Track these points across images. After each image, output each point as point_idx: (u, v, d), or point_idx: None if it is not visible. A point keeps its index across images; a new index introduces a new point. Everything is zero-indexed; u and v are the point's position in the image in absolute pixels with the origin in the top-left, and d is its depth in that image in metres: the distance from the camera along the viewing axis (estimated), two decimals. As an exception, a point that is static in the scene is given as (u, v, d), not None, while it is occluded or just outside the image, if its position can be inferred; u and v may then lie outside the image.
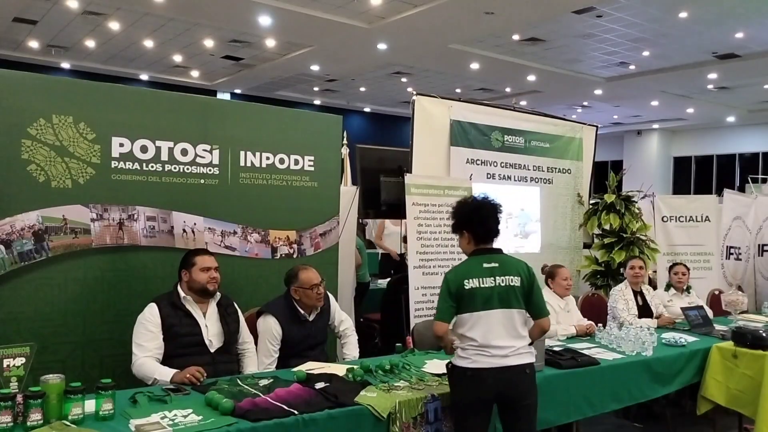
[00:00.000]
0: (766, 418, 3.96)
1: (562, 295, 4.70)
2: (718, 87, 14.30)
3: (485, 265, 3.00)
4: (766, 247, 7.75)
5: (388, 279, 6.75)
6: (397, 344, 3.97)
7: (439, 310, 3.04)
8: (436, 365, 3.47)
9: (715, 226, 6.90)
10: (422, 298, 4.92)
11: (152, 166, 3.68)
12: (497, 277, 2.97)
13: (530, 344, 3.04)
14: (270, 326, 3.56)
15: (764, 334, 4.19)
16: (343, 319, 3.92)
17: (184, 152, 3.79)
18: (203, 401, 2.69)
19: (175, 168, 3.76)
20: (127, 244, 3.59)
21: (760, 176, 10.36)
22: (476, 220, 3.07)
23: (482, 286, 2.95)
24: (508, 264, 3.04)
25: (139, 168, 3.64)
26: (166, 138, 3.73)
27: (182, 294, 3.35)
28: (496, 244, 3.14)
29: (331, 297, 3.90)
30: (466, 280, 2.97)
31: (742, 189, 12.09)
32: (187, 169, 3.80)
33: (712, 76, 13.18)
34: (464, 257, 3.17)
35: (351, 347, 3.87)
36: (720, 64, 12.32)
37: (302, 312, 3.65)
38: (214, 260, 3.44)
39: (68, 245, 3.41)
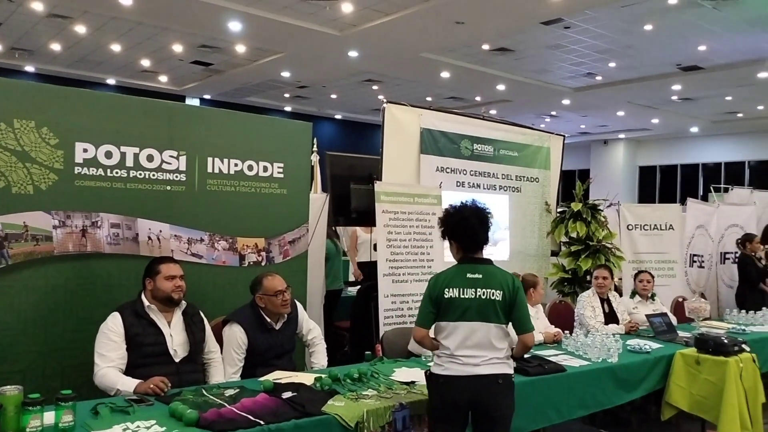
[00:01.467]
0: (728, 424, 4.04)
1: (534, 303, 4.76)
2: (682, 98, 14.64)
3: (469, 275, 2.99)
4: (728, 255, 7.95)
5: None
6: (367, 352, 3.95)
7: (420, 316, 3.05)
8: (405, 373, 3.47)
9: (678, 235, 7.04)
10: (392, 305, 4.92)
11: (117, 172, 3.62)
12: (478, 290, 2.95)
13: (509, 356, 3.03)
14: (235, 334, 3.51)
15: (726, 341, 4.27)
16: (311, 327, 3.89)
17: (150, 158, 3.73)
18: (167, 412, 2.64)
19: (140, 174, 3.69)
20: (90, 252, 3.52)
21: (722, 186, 10.60)
22: (462, 229, 3.05)
23: (462, 296, 2.95)
24: (492, 276, 3.00)
25: (103, 174, 3.57)
26: (131, 144, 3.66)
27: (146, 303, 3.29)
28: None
29: (299, 305, 3.87)
30: (447, 289, 2.97)
31: (705, 198, 12.39)
32: (153, 175, 3.74)
33: (677, 87, 13.49)
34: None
35: (319, 356, 3.84)
36: (684, 76, 12.62)
37: (268, 320, 3.61)
38: (179, 268, 3.39)
39: (29, 252, 3.33)
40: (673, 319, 5.30)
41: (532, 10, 9.01)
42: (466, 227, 3.03)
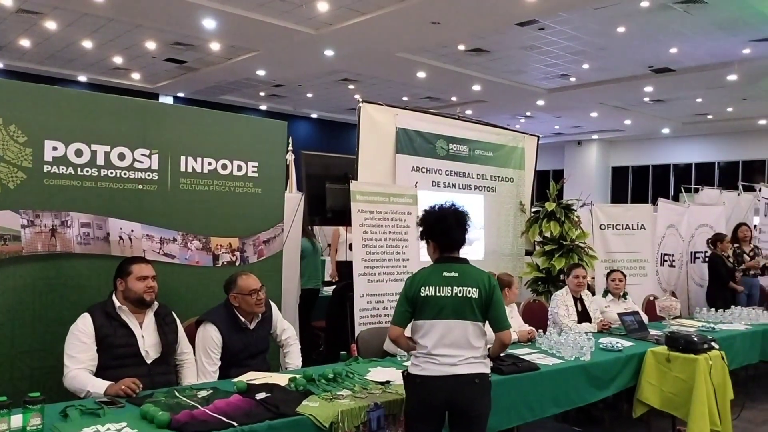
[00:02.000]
0: (697, 420, 4.11)
1: (509, 302, 4.79)
2: (653, 100, 14.86)
3: (445, 273, 3.00)
4: (698, 255, 8.10)
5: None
6: (342, 352, 3.95)
7: (395, 314, 3.06)
8: (380, 373, 3.46)
9: (650, 234, 7.15)
10: (367, 305, 4.92)
11: (87, 171, 3.56)
12: (454, 288, 2.97)
13: (486, 356, 3.04)
14: (210, 334, 3.48)
15: (696, 339, 4.34)
16: (285, 327, 3.87)
17: (122, 157, 3.67)
18: (138, 414, 2.61)
19: (111, 173, 3.64)
20: (60, 252, 3.45)
21: (692, 186, 10.79)
22: (439, 230, 3.08)
23: (438, 294, 2.96)
24: (467, 275, 3.02)
25: (73, 173, 3.51)
26: (102, 142, 3.61)
27: (117, 304, 3.24)
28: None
29: (274, 306, 3.85)
30: (423, 288, 2.98)
31: (676, 198, 12.59)
32: (125, 174, 3.69)
33: (648, 89, 13.69)
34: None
35: (293, 356, 3.82)
36: (655, 78, 12.81)
37: (243, 320, 3.58)
38: (151, 269, 3.35)
39: (-4, 253, 3.26)
40: (645, 318, 5.38)
41: (507, 11, 9.08)
42: (443, 227, 3.06)
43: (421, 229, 3.16)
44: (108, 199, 3.62)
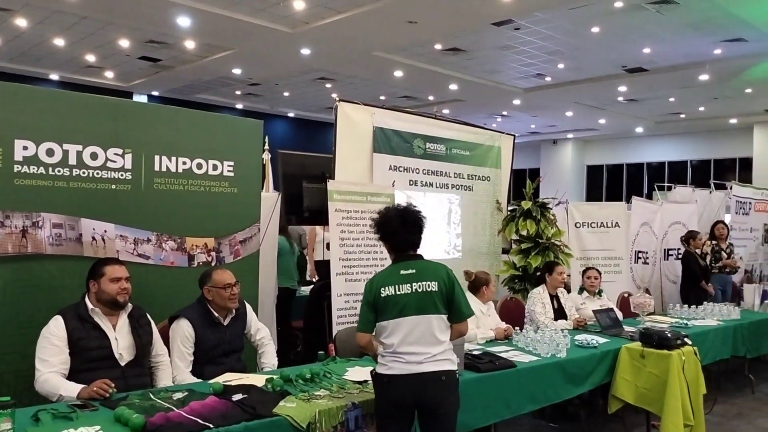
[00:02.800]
0: (671, 415, 4.18)
1: (487, 300, 4.81)
2: (627, 99, 15.06)
3: (403, 272, 3.03)
4: (671, 252, 8.21)
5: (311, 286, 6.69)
6: (320, 352, 3.94)
7: (360, 321, 3.07)
8: (357, 372, 3.46)
9: (624, 232, 7.23)
10: (345, 305, 4.91)
11: (59, 171, 3.50)
12: (414, 284, 2.99)
13: (452, 351, 3.05)
14: (182, 328, 3.47)
15: (669, 335, 4.40)
16: (260, 327, 3.86)
17: (94, 156, 3.62)
18: (112, 417, 2.57)
19: (84, 173, 3.58)
20: (31, 253, 3.39)
21: (666, 184, 10.95)
22: (389, 231, 3.12)
23: (398, 293, 2.97)
24: (425, 270, 3.05)
25: (44, 172, 3.45)
26: (74, 141, 3.55)
27: (90, 306, 3.19)
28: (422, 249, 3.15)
29: (248, 306, 3.84)
30: (383, 288, 2.99)
31: (650, 196, 12.77)
32: (97, 173, 3.63)
33: (622, 88, 13.87)
34: (387, 264, 3.19)
35: (269, 356, 3.81)
36: (629, 78, 12.98)
37: (216, 314, 3.58)
38: (125, 270, 3.30)
39: (-36, 254, 3.19)
40: (619, 314, 5.44)
41: (483, 11, 9.12)
42: (389, 229, 3.11)
43: (374, 231, 3.19)
44: (80, 199, 3.56)
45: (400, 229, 3.09)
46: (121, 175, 3.73)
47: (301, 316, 6.25)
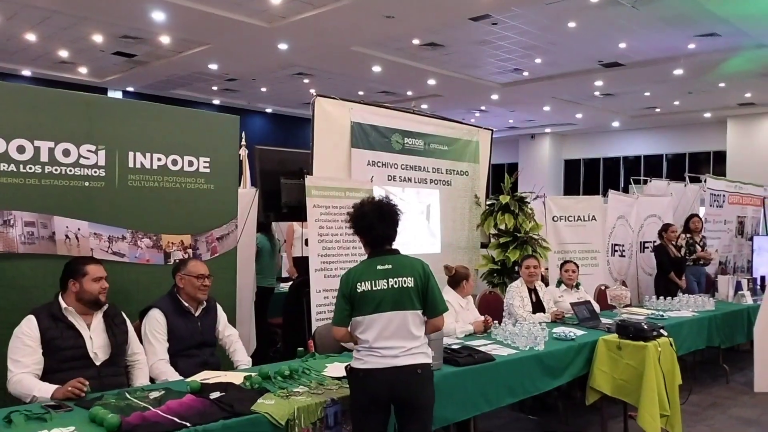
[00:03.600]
0: (648, 406, 4.22)
1: (466, 294, 4.83)
2: (603, 93, 15.20)
3: (379, 267, 3.01)
4: (647, 244, 8.32)
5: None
6: (299, 349, 3.92)
7: (335, 315, 3.05)
8: (336, 368, 3.45)
9: (601, 225, 7.31)
10: (324, 301, 4.88)
11: (30, 168, 3.44)
12: (390, 279, 2.98)
13: (427, 345, 3.05)
14: (154, 317, 3.48)
15: (645, 327, 4.45)
16: (229, 326, 3.88)
17: (67, 153, 3.56)
18: (87, 417, 2.53)
19: (56, 170, 3.53)
20: (2, 252, 3.34)
21: (642, 178, 11.07)
22: (365, 226, 3.08)
23: (374, 288, 2.96)
24: (401, 265, 3.04)
25: (15, 170, 3.40)
26: (46, 138, 3.50)
27: (63, 305, 3.14)
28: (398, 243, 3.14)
29: (219, 306, 3.84)
30: (359, 283, 2.97)
31: (626, 190, 12.90)
32: (70, 170, 3.58)
33: (599, 83, 14.00)
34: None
35: (240, 353, 3.80)
36: (605, 72, 13.10)
37: (186, 304, 3.58)
38: (103, 269, 3.26)
39: (-68, 254, 3.12)
40: (597, 307, 5.50)
41: (461, 6, 9.14)
42: (364, 224, 3.08)
43: (349, 225, 3.16)
44: (53, 196, 3.51)
45: (376, 223, 3.06)
46: (95, 171, 3.67)
47: (280, 313, 6.22)
